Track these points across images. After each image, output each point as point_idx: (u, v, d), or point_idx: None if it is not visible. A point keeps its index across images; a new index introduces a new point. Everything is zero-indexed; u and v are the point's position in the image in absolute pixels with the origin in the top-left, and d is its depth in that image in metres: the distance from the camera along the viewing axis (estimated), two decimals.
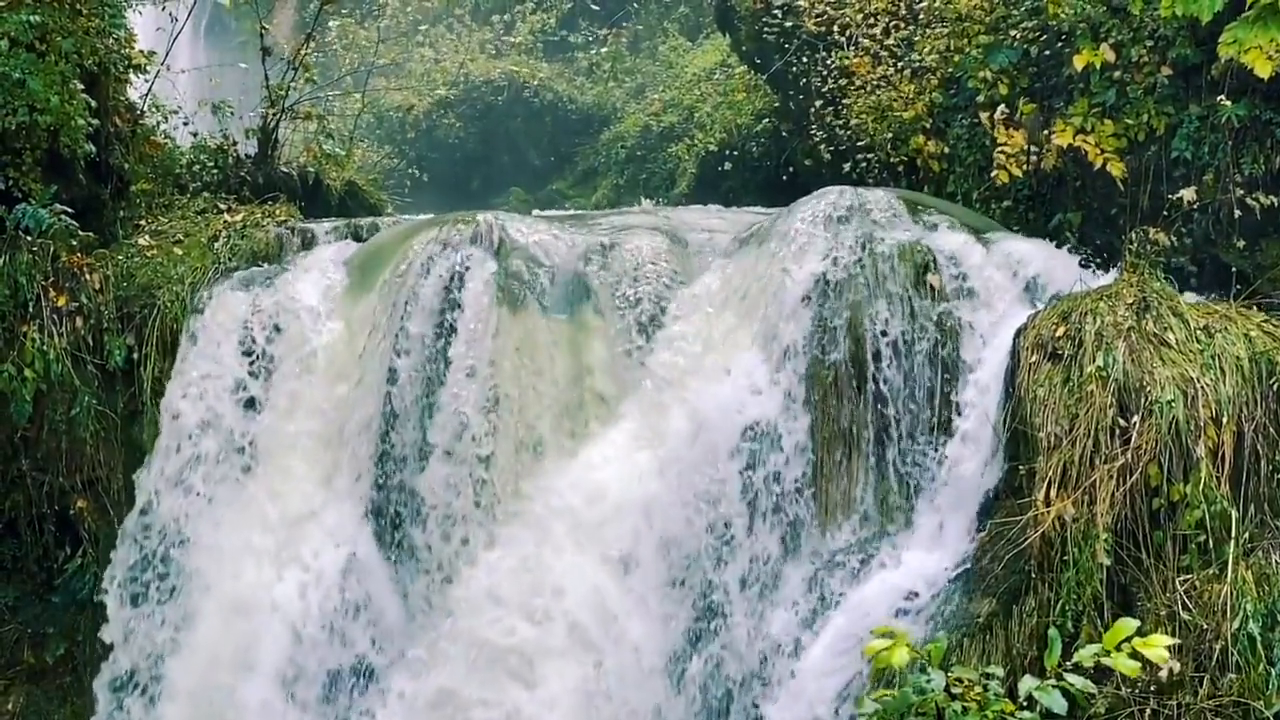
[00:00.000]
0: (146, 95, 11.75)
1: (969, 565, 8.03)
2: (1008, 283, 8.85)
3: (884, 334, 8.73)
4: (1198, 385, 7.52)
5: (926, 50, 11.46)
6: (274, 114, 12.68)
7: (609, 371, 9.18)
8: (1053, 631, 5.66)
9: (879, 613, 8.09)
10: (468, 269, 9.38)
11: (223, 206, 11.18)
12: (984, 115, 10.33)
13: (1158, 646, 4.97)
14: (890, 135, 11.58)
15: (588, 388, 9.20)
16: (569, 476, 8.91)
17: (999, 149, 9.99)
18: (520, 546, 8.80)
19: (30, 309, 9.42)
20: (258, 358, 9.58)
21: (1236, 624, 7.04)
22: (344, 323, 9.70)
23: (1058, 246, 9.51)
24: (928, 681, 5.42)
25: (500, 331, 9.23)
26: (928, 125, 11.28)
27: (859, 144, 12.07)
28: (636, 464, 8.79)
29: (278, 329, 9.64)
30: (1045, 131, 9.93)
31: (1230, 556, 7.19)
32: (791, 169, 14.56)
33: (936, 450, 8.60)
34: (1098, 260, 9.50)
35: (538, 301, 9.36)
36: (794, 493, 8.76)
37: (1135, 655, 5.04)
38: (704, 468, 8.73)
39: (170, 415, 9.49)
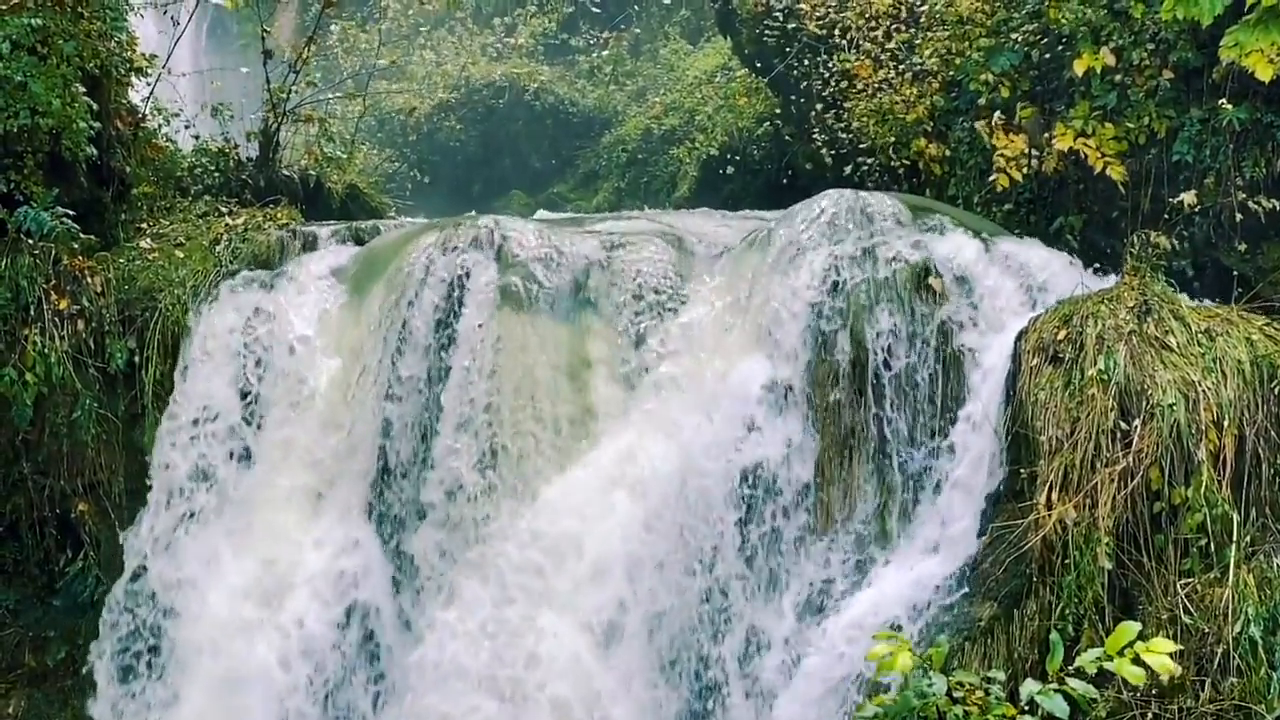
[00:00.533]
0: (148, 98, 11.75)
1: (967, 589, 7.91)
2: (1010, 287, 8.82)
3: (887, 365, 8.54)
4: (1199, 389, 7.51)
5: (928, 53, 11.46)
6: (275, 117, 12.68)
7: (617, 417, 8.66)
8: (1055, 635, 5.63)
9: (857, 653, 7.71)
10: (465, 289, 9.04)
11: (224, 209, 11.18)
12: (980, 124, 10.33)
13: (1161, 652, 4.95)
14: (892, 139, 11.58)
15: (592, 435, 8.66)
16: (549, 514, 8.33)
17: (998, 153, 10.00)
18: (480, 607, 8.16)
19: (32, 312, 9.41)
20: (252, 400, 9.32)
21: (1238, 628, 7.03)
22: (339, 358, 9.32)
23: (1059, 250, 9.50)
24: (929, 685, 5.41)
25: (497, 370, 8.74)
26: (929, 128, 11.29)
27: (860, 147, 12.06)
28: (620, 513, 8.25)
29: (271, 365, 9.36)
30: (1046, 135, 9.93)
31: (1231, 560, 7.19)
32: (792, 172, 14.57)
33: (937, 469, 8.42)
34: (1099, 262, 9.49)
35: (537, 334, 8.85)
36: (795, 541, 8.46)
37: (1138, 661, 5.03)
38: (698, 523, 8.27)
39: (161, 466, 9.30)
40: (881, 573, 8.30)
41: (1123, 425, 7.54)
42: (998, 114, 10.18)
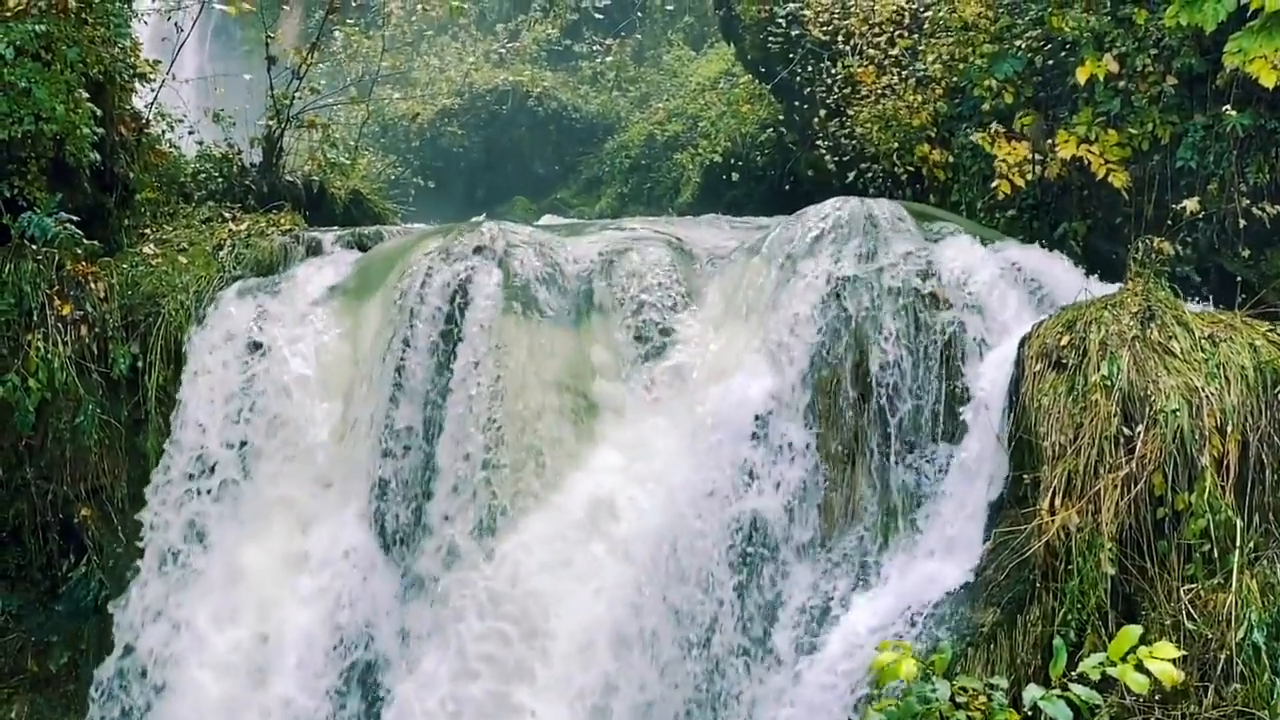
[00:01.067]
0: (152, 104, 11.78)
1: (964, 609, 7.83)
2: (1011, 292, 8.80)
3: (892, 403, 8.37)
4: (1202, 394, 7.50)
5: (931, 59, 11.46)
6: (279, 123, 12.70)
7: (630, 473, 8.32)
8: (1058, 641, 5.63)
9: (833, 700, 7.54)
10: (464, 319, 8.84)
11: (228, 215, 11.21)
12: (979, 135, 10.33)
13: (1164, 658, 4.95)
14: (895, 145, 11.58)
15: (602, 502, 8.26)
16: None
17: (999, 160, 10.00)
18: (439, 684, 7.74)
19: (35, 317, 9.43)
20: (245, 452, 9.16)
21: (1241, 633, 7.01)
22: (337, 401, 9.12)
23: (1062, 256, 9.49)
24: (932, 691, 5.40)
25: (497, 419, 8.40)
26: (932, 134, 11.29)
27: (864, 153, 12.06)
28: (609, 575, 8.01)
29: (265, 411, 9.17)
30: (1049, 141, 9.94)
31: (1235, 566, 7.17)
32: (795, 178, 14.56)
33: (940, 506, 8.26)
34: (1102, 268, 9.49)
35: (535, 367, 8.56)
36: (801, 604, 8.17)
37: (1141, 668, 5.03)
38: (693, 589, 7.94)
39: (151, 526, 9.16)
40: (857, 602, 8.09)
41: (1126, 431, 7.52)
42: (996, 123, 10.20)
